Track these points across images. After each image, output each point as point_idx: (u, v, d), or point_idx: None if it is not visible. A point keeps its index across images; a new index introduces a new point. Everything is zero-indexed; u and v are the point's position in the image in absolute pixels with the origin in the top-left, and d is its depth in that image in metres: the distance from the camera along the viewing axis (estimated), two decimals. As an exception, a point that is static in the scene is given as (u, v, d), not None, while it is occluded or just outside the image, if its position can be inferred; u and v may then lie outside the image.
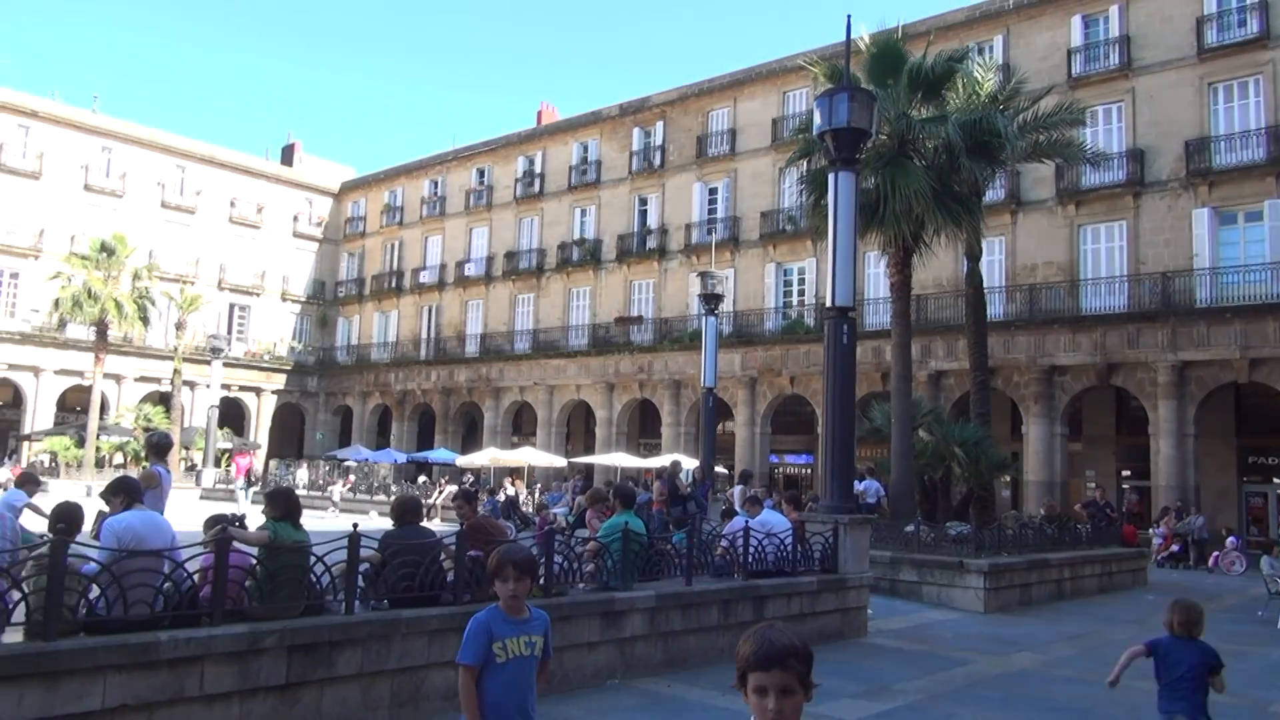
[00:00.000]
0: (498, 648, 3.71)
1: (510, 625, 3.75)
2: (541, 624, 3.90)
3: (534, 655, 3.83)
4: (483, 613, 3.81)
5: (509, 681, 3.72)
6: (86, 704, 5.67)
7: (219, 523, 6.55)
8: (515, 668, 3.74)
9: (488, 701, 3.71)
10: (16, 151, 44.86)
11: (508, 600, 3.77)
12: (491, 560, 3.86)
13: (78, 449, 40.16)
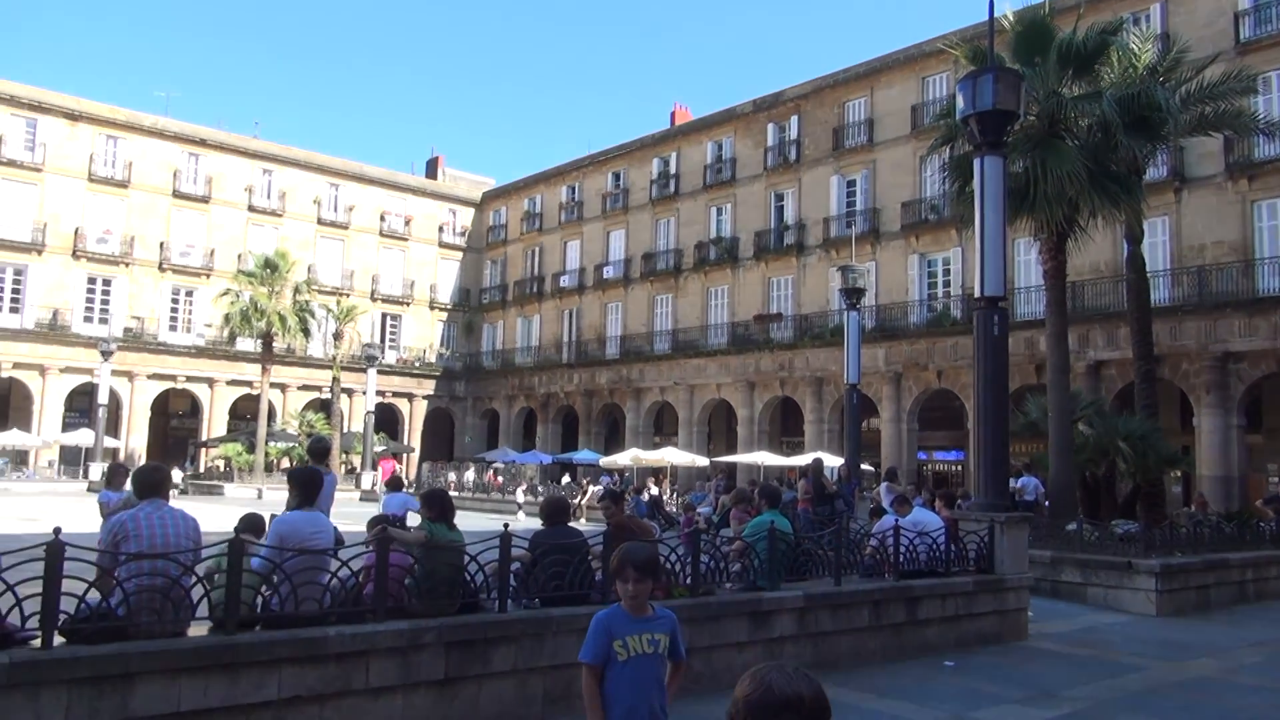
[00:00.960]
0: (618, 646, 3.67)
1: (631, 623, 3.72)
2: (667, 622, 3.84)
3: (659, 653, 3.77)
4: (604, 612, 3.80)
5: (632, 679, 3.68)
6: (264, 694, 6.00)
7: (380, 523, 6.82)
8: (639, 666, 3.70)
9: (612, 699, 3.69)
10: (189, 179, 48.16)
11: (628, 601, 3.75)
12: (612, 560, 3.85)
13: (249, 454, 42.75)
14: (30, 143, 44.07)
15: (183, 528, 6.01)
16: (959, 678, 9.22)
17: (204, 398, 47.90)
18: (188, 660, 5.70)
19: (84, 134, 45.51)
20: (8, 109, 43.58)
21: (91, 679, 5.36)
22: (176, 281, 47.62)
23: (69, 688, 5.29)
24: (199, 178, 48.47)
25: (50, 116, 44.65)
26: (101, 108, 46.42)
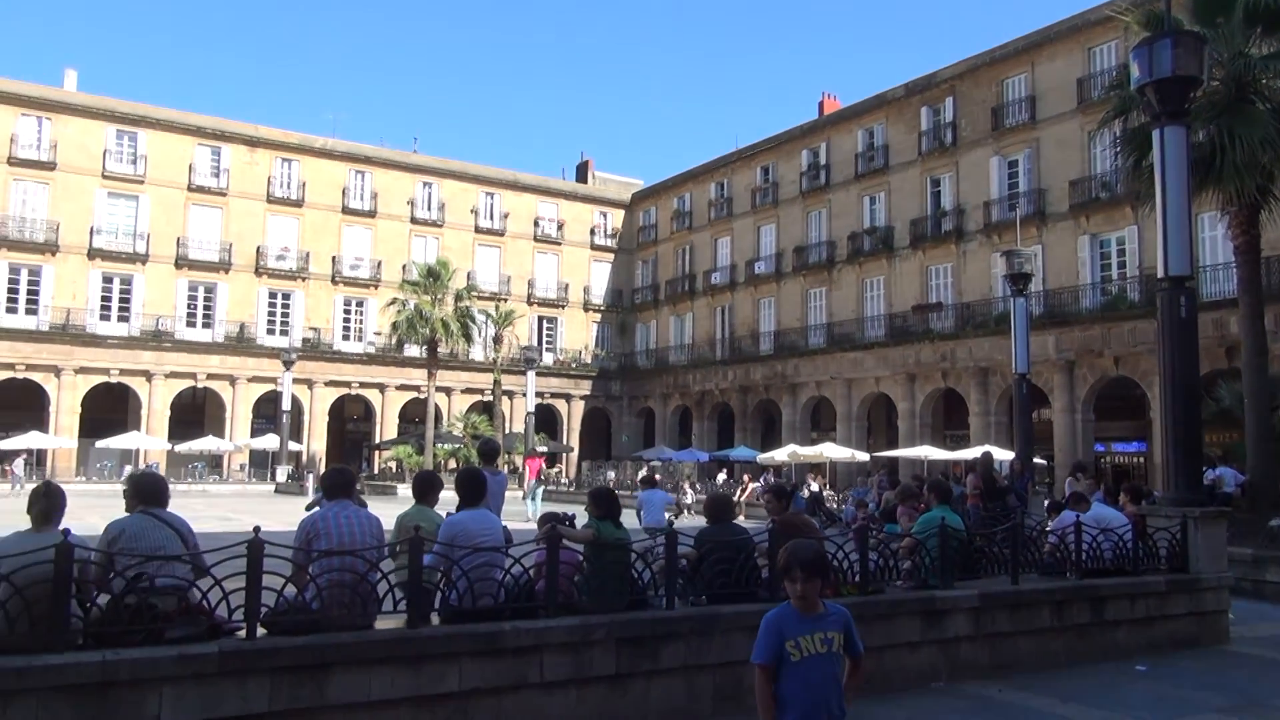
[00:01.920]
0: (790, 646, 3.63)
1: (802, 623, 3.67)
2: (840, 619, 3.77)
3: (834, 653, 3.71)
4: (774, 611, 3.75)
5: (807, 680, 3.64)
6: (446, 686, 6.23)
7: (550, 521, 6.98)
8: (813, 666, 3.65)
9: (787, 701, 3.65)
10: (356, 196, 50.77)
11: (798, 600, 3.70)
12: (780, 558, 3.80)
13: (418, 456, 44.65)
14: (215, 169, 47.46)
15: (367, 526, 6.32)
16: (1152, 683, 8.66)
17: (376, 402, 50.41)
18: (376, 652, 5.99)
19: (262, 159, 48.67)
20: (195, 139, 47.07)
21: (292, 668, 5.70)
22: (348, 293, 50.28)
23: (272, 676, 5.63)
24: (365, 194, 51.01)
25: (232, 144, 47.95)
26: (276, 133, 49.51)
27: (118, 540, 5.81)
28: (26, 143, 43.39)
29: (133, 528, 5.84)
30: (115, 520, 6.03)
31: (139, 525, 5.87)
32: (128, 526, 5.86)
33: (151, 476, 6.73)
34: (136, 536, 5.83)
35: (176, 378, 45.48)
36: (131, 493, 6.26)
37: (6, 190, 42.86)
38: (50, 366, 42.82)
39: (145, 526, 5.87)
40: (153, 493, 6.19)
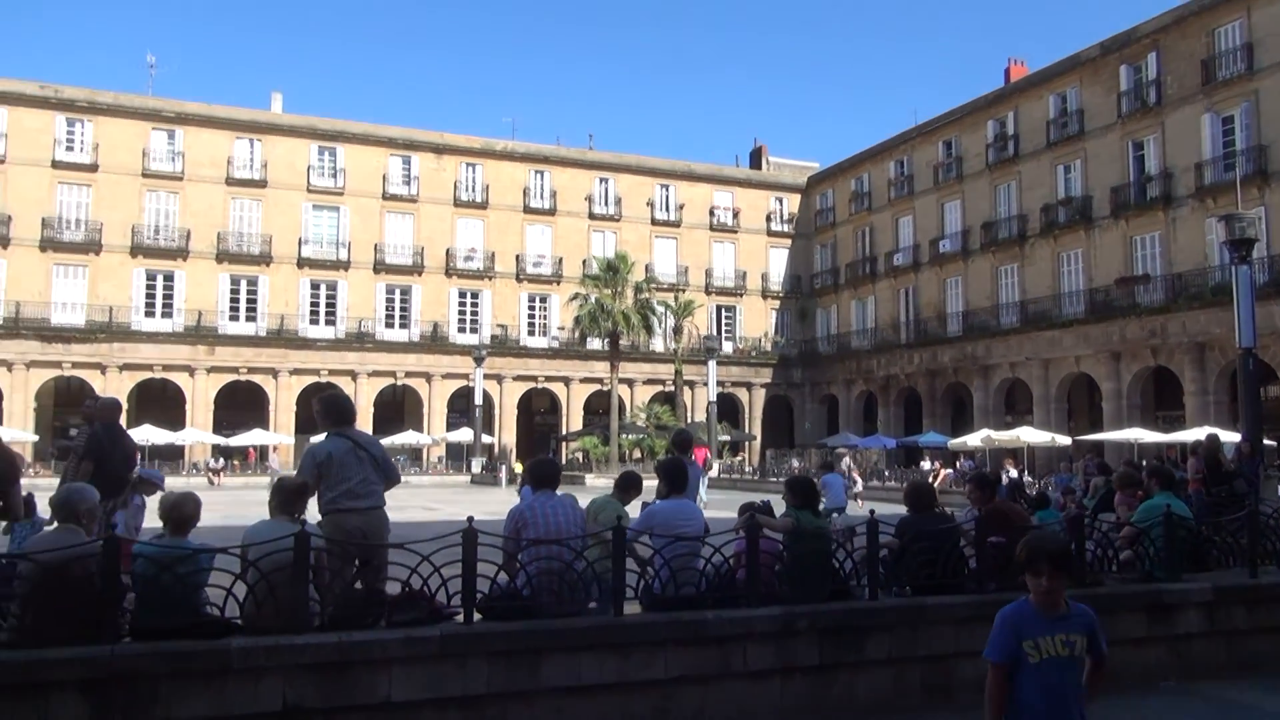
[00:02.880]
0: (1028, 646, 3.40)
1: (1042, 622, 3.43)
2: (1084, 621, 3.50)
3: (1076, 656, 3.45)
4: (1011, 607, 3.51)
5: (1045, 684, 3.40)
6: (652, 673, 6.31)
7: (748, 509, 6.95)
8: (1052, 670, 3.41)
9: (1021, 705, 3.43)
10: (536, 195, 52.33)
11: (1040, 596, 3.45)
12: (1021, 551, 3.53)
13: (604, 446, 45.68)
14: (406, 177, 50.05)
15: (572, 515, 6.50)
16: None
17: (561, 395, 51.90)
18: (585, 639, 6.14)
19: (449, 165, 50.93)
20: (388, 150, 49.77)
21: (507, 653, 5.93)
22: (531, 290, 51.96)
23: (489, 660, 5.88)
24: (545, 193, 52.50)
25: (421, 153, 50.41)
26: (460, 139, 51.69)
27: (329, 464, 6.38)
28: (241, 164, 47.13)
29: (337, 453, 6.42)
30: (319, 444, 6.64)
31: (338, 451, 6.43)
32: (333, 451, 6.43)
33: (339, 398, 7.33)
34: (343, 463, 6.41)
35: (378, 376, 48.32)
36: (323, 413, 6.74)
37: (226, 209, 46.72)
38: (269, 369, 46.42)
39: (344, 452, 6.44)
40: (344, 413, 6.78)
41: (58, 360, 43.00)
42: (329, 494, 6.43)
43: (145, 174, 45.34)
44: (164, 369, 44.77)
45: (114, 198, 44.53)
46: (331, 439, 6.65)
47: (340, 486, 6.39)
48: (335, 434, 6.67)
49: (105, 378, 42.91)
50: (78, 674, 5.10)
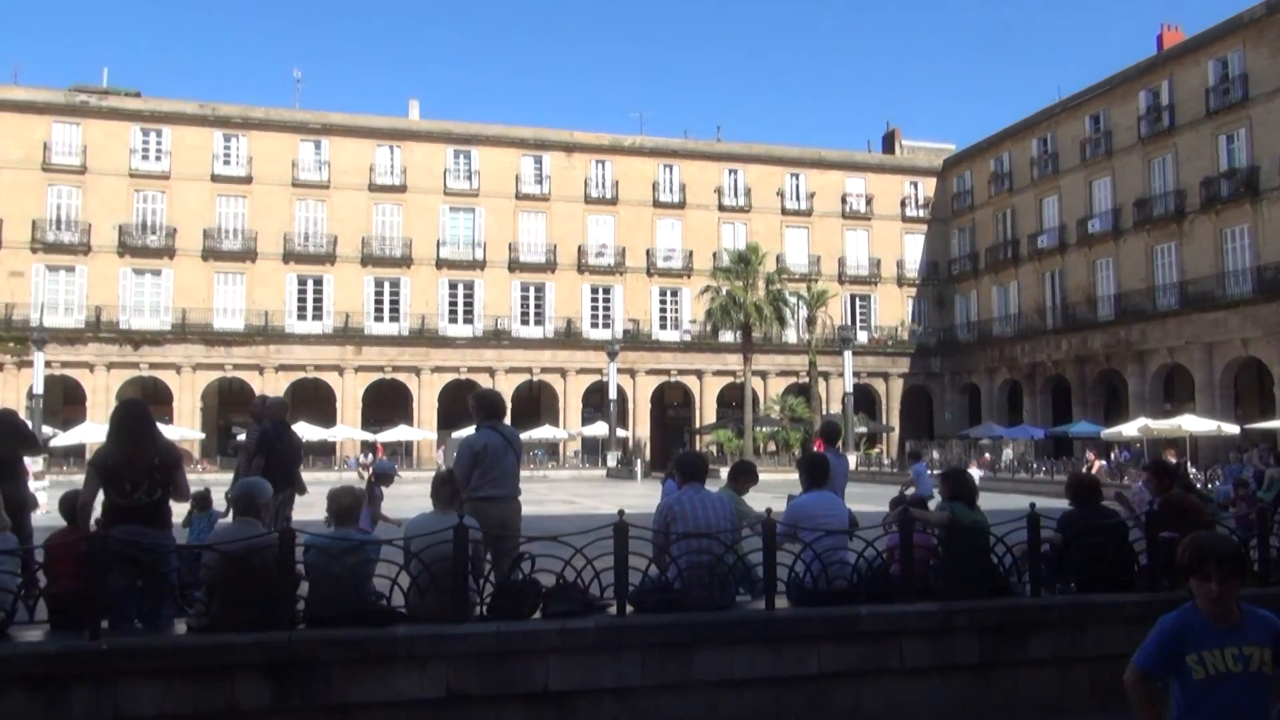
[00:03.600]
0: (1192, 660, 2.98)
1: (1212, 633, 3.00)
2: (1267, 630, 3.04)
3: (1256, 673, 2.99)
4: (1174, 615, 3.08)
5: (1215, 705, 2.98)
6: (804, 668, 6.24)
7: (901, 503, 6.78)
8: (1224, 688, 2.98)
9: None
10: (665, 189, 52.46)
11: (1208, 604, 3.01)
12: (1183, 551, 3.10)
13: (738, 439, 45.51)
14: (538, 177, 51.01)
15: (721, 509, 6.47)
16: None
17: (694, 388, 51.98)
18: (737, 632, 6.12)
19: (579, 163, 51.64)
20: (520, 151, 50.84)
21: (660, 645, 5.96)
22: (662, 284, 52.18)
23: (643, 652, 5.92)
24: (674, 187, 52.61)
25: (552, 152, 51.28)
26: (589, 136, 52.32)
27: (484, 455, 6.89)
28: (382, 170, 49.03)
29: (491, 445, 6.98)
30: (475, 435, 7.11)
31: (494, 443, 7.00)
32: (489, 442, 6.99)
33: (492, 394, 7.95)
34: (495, 454, 6.95)
35: (514, 372, 49.48)
36: (477, 408, 7.40)
37: (370, 214, 48.70)
38: (412, 367, 48.19)
39: (496, 444, 7.00)
40: (496, 408, 7.41)
41: (220, 362, 45.77)
42: (477, 482, 6.83)
43: (295, 184, 47.70)
44: (315, 369, 47.04)
45: (267, 208, 47.04)
46: (484, 431, 7.10)
47: (489, 476, 6.84)
48: (488, 427, 7.14)
49: (263, 378, 45.39)
50: (260, 658, 5.40)
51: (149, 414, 6.22)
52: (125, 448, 5.87)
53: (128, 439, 5.91)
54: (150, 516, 5.82)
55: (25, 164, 43.96)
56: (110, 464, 5.81)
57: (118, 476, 5.75)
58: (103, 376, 44.00)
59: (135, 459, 5.81)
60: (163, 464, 5.87)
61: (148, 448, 5.91)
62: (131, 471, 5.77)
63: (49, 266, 44.35)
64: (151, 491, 5.81)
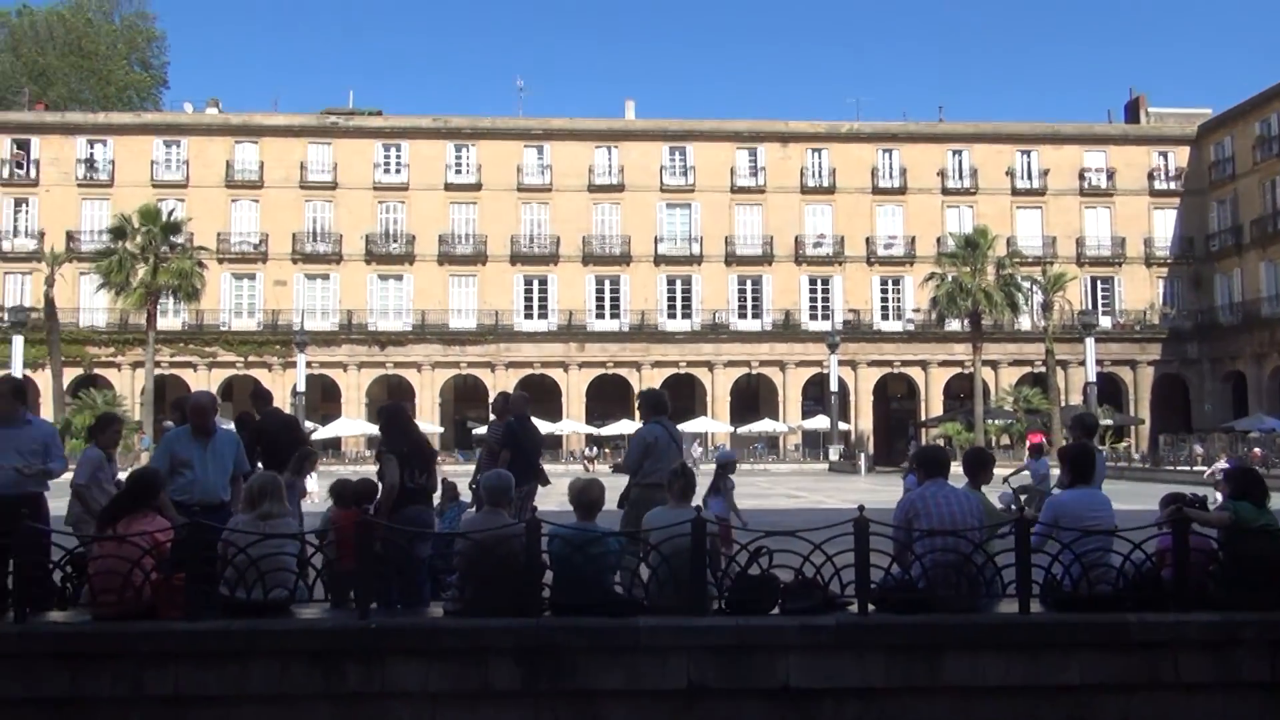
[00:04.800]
0: None
1: None
2: None
3: None
4: None
5: None
6: (1065, 678, 5.81)
7: (1174, 502, 6.18)
8: None
9: None
10: (885, 174, 50.88)
11: None
12: None
13: (967, 432, 43.49)
14: (753, 169, 50.76)
15: (967, 506, 6.13)
16: None
17: (919, 380, 50.14)
18: (988, 636, 5.78)
19: (794, 153, 50.96)
20: (735, 144, 50.79)
21: (905, 646, 5.73)
22: (883, 273, 50.65)
23: (887, 653, 5.71)
24: (894, 171, 50.92)
25: (766, 143, 50.87)
26: (804, 125, 51.51)
27: (654, 446, 7.81)
28: (600, 171, 50.39)
29: (661, 438, 7.92)
30: (647, 428, 8.13)
31: (662, 436, 7.94)
32: (659, 436, 7.95)
33: (658, 393, 9.01)
34: (663, 446, 7.86)
35: (733, 366, 49.55)
36: (645, 405, 8.49)
37: (589, 214, 50.20)
38: (632, 362, 49.27)
39: (662, 436, 7.95)
40: (661, 405, 8.36)
41: (456, 360, 48.61)
42: (647, 470, 7.65)
43: (520, 188, 49.88)
44: (542, 365, 49.03)
45: (495, 212, 49.48)
46: (652, 426, 8.10)
47: (658, 465, 7.59)
48: (654, 422, 8.15)
49: (494, 375, 47.82)
50: (510, 643, 5.62)
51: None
52: (415, 438, 7.06)
53: (415, 431, 7.18)
54: (429, 498, 7.01)
55: (286, 183, 48.45)
56: (405, 452, 6.78)
57: (409, 464, 6.74)
58: (354, 375, 47.82)
59: (424, 448, 7.06)
60: (432, 454, 7.14)
61: (425, 439, 7.24)
62: (420, 459, 6.90)
63: (307, 275, 48.65)
64: (428, 477, 6.93)
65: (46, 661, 5.55)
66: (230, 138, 48.91)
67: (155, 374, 41.50)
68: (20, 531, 5.59)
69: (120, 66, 65.57)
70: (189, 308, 44.64)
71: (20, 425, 6.57)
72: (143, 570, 5.58)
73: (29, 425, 6.68)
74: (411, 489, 6.64)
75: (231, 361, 47.16)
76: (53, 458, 6.58)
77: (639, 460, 7.63)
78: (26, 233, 47.54)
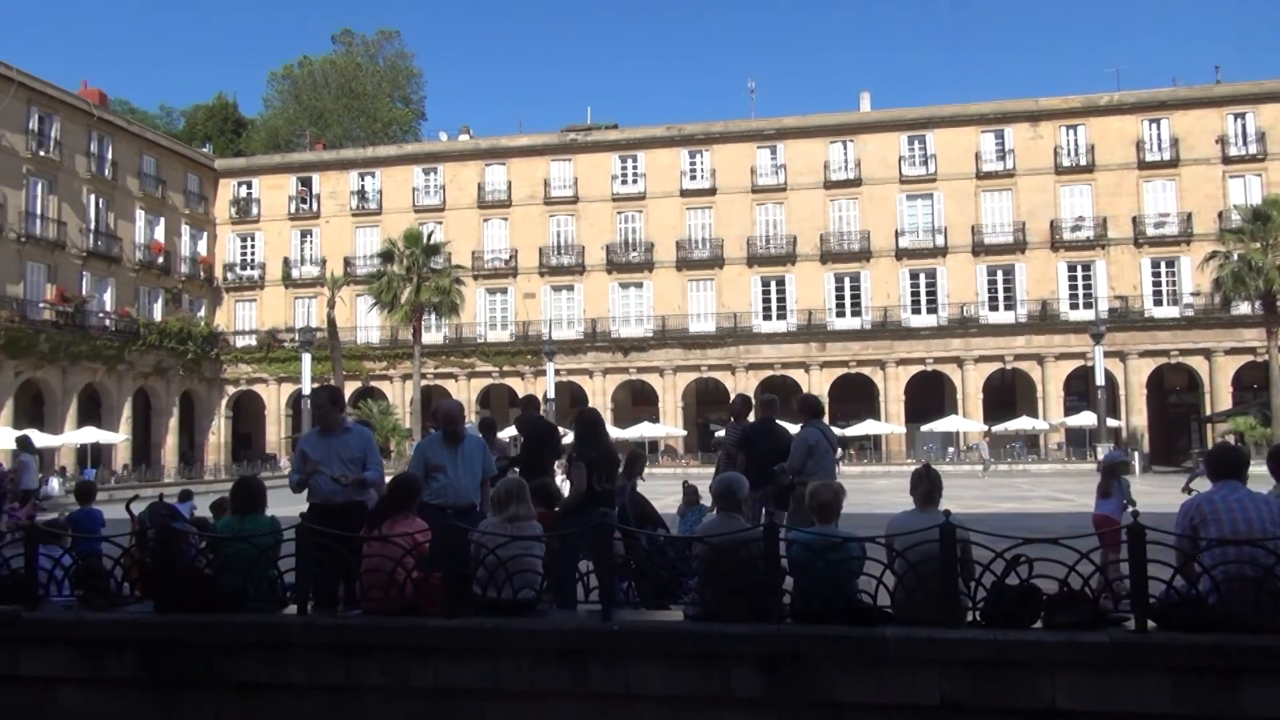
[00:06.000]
0: None
1: None
2: None
3: None
4: None
5: None
6: None
7: None
8: None
9: None
10: (1153, 147, 46.52)
11: None
12: None
13: (1262, 427, 38.92)
14: (1000, 152, 47.91)
15: (1266, 511, 5.38)
16: None
17: (1200, 370, 45.40)
18: (1302, 663, 5.04)
19: (1045, 131, 47.54)
20: (979, 128, 48.17)
21: (1194, 669, 5.10)
22: (1154, 254, 46.29)
23: (1172, 676, 5.10)
24: (1163, 143, 46.51)
25: (1014, 124, 47.85)
26: (1057, 101, 48.01)
27: (816, 448, 8.33)
28: (836, 166, 49.35)
29: (821, 442, 8.47)
30: (808, 430, 8.54)
31: (821, 440, 8.52)
32: (819, 438, 8.48)
33: (811, 396, 9.57)
34: (824, 447, 8.48)
35: (985, 361, 46.94)
36: (803, 409, 8.99)
37: (826, 211, 49.29)
38: (875, 360, 47.84)
39: (821, 439, 8.53)
40: (816, 408, 9.05)
41: (696, 364, 49.15)
42: (810, 470, 8.10)
43: (754, 190, 49.77)
44: (782, 366, 48.59)
45: (729, 215, 49.64)
46: (811, 429, 8.56)
47: (820, 465, 8.14)
48: (813, 425, 8.62)
49: (734, 377, 47.92)
50: (751, 649, 5.50)
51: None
52: (604, 446, 7.39)
53: (606, 439, 7.50)
54: (612, 501, 7.27)
55: (531, 200, 50.98)
56: (594, 459, 7.11)
57: (596, 469, 7.06)
58: (599, 381, 49.47)
59: (612, 455, 7.36)
60: (617, 460, 7.57)
61: (614, 447, 7.62)
62: (607, 465, 7.22)
63: (553, 287, 50.89)
64: (611, 482, 7.29)
65: (325, 652, 6.01)
66: (480, 161, 52.07)
67: (421, 385, 44.83)
68: (301, 533, 6.10)
69: (385, 104, 71.63)
70: (449, 322, 47.90)
71: (341, 433, 6.97)
72: (404, 569, 5.93)
73: (348, 433, 7.04)
74: (597, 492, 7.03)
75: (488, 371, 50.14)
76: (369, 465, 6.91)
77: (803, 461, 8.17)
78: (311, 261, 52.84)
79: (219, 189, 53.85)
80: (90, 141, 44.16)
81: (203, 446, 51.06)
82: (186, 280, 50.72)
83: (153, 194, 48.34)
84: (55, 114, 42.08)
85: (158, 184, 48.70)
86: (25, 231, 40.02)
